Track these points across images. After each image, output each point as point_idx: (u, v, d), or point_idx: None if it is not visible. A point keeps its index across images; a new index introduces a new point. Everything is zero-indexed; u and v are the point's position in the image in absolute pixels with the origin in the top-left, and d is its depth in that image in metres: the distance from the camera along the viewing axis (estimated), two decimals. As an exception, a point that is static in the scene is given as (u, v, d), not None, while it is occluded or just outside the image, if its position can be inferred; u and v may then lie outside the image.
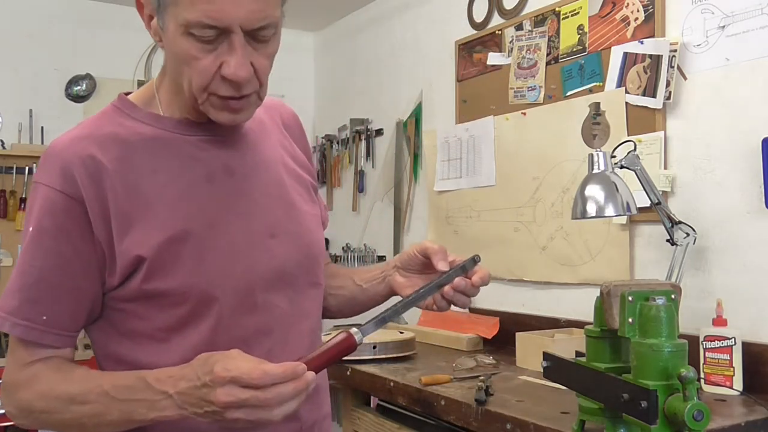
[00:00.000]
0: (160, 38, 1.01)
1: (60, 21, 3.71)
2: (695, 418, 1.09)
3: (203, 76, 0.98)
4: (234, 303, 1.04)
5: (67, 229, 1.00)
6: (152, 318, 1.03)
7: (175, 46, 0.98)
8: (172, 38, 0.97)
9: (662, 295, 1.22)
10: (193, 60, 0.97)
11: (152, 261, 1.00)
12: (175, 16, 0.95)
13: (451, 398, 1.85)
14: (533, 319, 2.60)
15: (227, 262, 1.04)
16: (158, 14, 0.98)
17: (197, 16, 0.93)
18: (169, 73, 1.06)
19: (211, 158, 1.08)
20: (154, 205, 1.02)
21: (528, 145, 2.67)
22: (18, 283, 1.01)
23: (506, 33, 2.81)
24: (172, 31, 0.97)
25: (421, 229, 3.29)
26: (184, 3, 0.93)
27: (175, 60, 1.00)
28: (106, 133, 1.04)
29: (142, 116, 1.08)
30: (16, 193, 3.54)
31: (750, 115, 1.98)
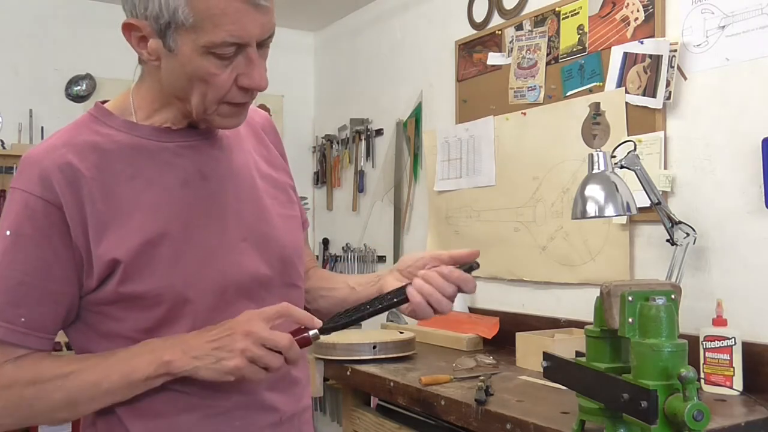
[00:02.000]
0: (157, 58, 1.04)
1: (60, 21, 3.71)
2: (695, 418, 1.09)
3: (222, 89, 1.03)
4: (208, 305, 1.07)
5: (47, 234, 1.02)
6: (129, 320, 1.05)
7: (190, 66, 1.01)
8: (186, 59, 1.01)
9: (662, 295, 1.23)
10: (212, 76, 1.02)
11: (128, 264, 1.02)
12: (193, 40, 0.99)
13: (451, 398, 1.85)
14: (533, 319, 2.60)
15: (201, 265, 1.07)
16: (162, 37, 1.01)
17: (222, 37, 0.98)
18: (160, 85, 1.08)
19: (187, 164, 1.10)
20: (130, 210, 1.05)
21: (528, 145, 2.67)
22: None
23: (506, 33, 2.81)
24: (188, 52, 1.00)
25: (421, 229, 3.29)
26: (207, 27, 0.98)
27: (186, 78, 1.03)
28: (83, 141, 1.07)
29: (118, 124, 1.10)
30: (16, 193, 3.54)
31: (750, 115, 1.98)
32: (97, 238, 1.02)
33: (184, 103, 1.07)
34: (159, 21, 0.99)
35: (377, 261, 3.63)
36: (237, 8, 0.98)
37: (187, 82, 1.03)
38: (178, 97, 1.06)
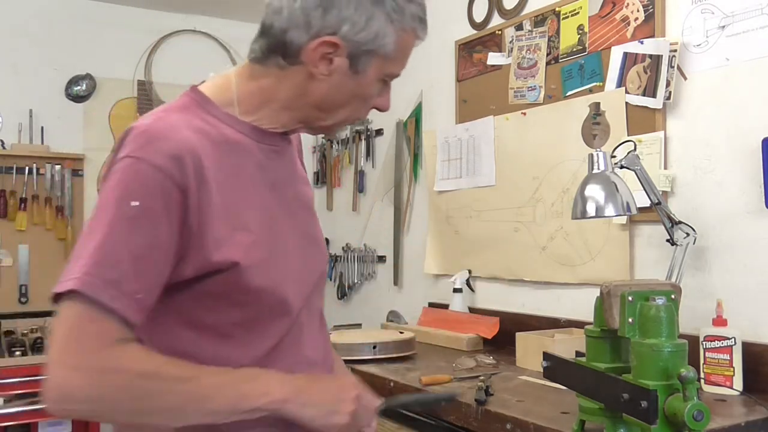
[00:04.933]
0: (330, 73, 1.09)
1: (60, 21, 3.71)
2: (695, 418, 1.10)
3: (364, 110, 1.17)
4: (297, 303, 1.14)
5: (169, 215, 1.00)
6: (225, 313, 1.07)
7: (366, 87, 1.12)
8: (367, 81, 1.12)
9: (662, 295, 1.23)
10: (371, 98, 1.15)
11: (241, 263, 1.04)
12: (380, 67, 1.11)
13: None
14: (533, 319, 2.60)
15: (289, 266, 1.13)
16: (355, 59, 1.08)
17: (399, 70, 1.15)
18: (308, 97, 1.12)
19: (273, 168, 1.16)
20: (238, 207, 1.07)
21: (528, 145, 2.67)
22: (117, 255, 0.97)
23: (506, 33, 2.81)
24: (371, 76, 1.11)
25: (421, 229, 3.29)
26: (395, 60, 1.12)
27: (351, 94, 1.12)
28: (198, 126, 1.07)
29: (221, 115, 1.11)
30: (16, 193, 3.54)
31: (750, 115, 1.98)
32: (211, 231, 1.02)
33: (320, 114, 1.13)
34: (363, 46, 1.08)
35: (377, 261, 3.63)
36: (411, 50, 1.15)
37: (347, 100, 1.13)
38: (323, 108, 1.13)
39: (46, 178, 3.57)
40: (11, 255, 3.51)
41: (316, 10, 1.05)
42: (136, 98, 3.87)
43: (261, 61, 1.11)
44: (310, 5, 1.05)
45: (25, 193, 3.55)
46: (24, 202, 3.55)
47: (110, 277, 0.96)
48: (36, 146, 3.58)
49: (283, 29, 1.07)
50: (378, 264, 3.64)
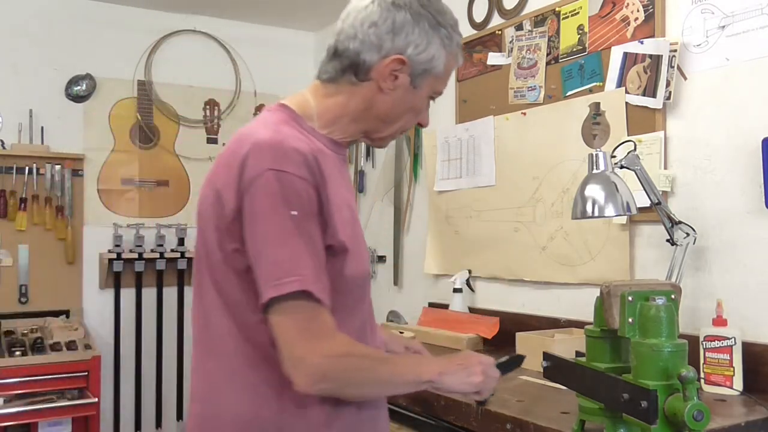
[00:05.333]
0: (393, 88, 1.29)
1: (60, 21, 3.71)
2: (695, 418, 1.10)
3: (412, 122, 1.38)
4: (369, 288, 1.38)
5: (314, 214, 1.18)
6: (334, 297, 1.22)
7: (418, 101, 1.34)
8: (420, 96, 1.33)
9: (662, 295, 1.23)
10: (420, 112, 1.37)
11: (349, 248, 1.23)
12: (431, 85, 1.33)
13: (451, 398, 1.85)
14: (533, 319, 2.60)
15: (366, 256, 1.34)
16: (415, 78, 1.30)
17: (443, 88, 1.37)
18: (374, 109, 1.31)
19: (345, 174, 1.37)
20: (339, 204, 1.24)
21: (528, 145, 2.67)
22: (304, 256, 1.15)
23: (506, 33, 2.81)
24: (424, 92, 1.33)
25: (421, 229, 3.29)
26: (442, 80, 1.35)
27: (407, 108, 1.33)
28: (302, 138, 1.25)
29: (308, 129, 1.30)
30: (16, 193, 3.54)
31: (750, 115, 1.98)
32: (332, 220, 1.21)
33: (381, 126, 1.34)
34: (422, 66, 1.29)
35: (377, 261, 3.63)
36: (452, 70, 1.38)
37: (404, 111, 1.33)
38: (385, 119, 1.33)
39: (46, 178, 3.57)
40: (11, 255, 3.51)
41: (387, 34, 1.26)
42: (136, 98, 3.87)
43: (334, 80, 1.31)
44: (382, 31, 1.26)
45: (25, 193, 3.55)
46: (24, 202, 3.54)
47: (312, 277, 1.15)
48: (36, 146, 3.58)
49: (357, 51, 1.27)
50: (378, 264, 3.64)
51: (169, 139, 3.95)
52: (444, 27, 1.31)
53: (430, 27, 1.29)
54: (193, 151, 4.01)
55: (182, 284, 3.91)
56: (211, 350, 1.26)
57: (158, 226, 3.83)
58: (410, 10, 1.27)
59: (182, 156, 3.97)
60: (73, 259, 3.64)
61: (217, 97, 4.09)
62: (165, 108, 3.94)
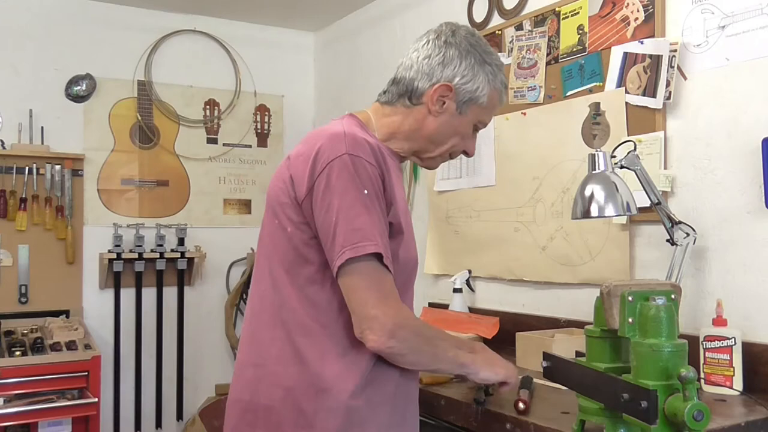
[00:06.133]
0: (440, 112, 1.49)
1: (60, 21, 3.71)
2: (695, 418, 1.09)
3: (459, 147, 1.55)
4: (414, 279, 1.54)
5: (379, 195, 1.36)
6: None
7: (463, 127, 1.53)
8: (465, 122, 1.52)
9: (662, 295, 1.23)
10: (465, 137, 1.55)
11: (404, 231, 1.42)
12: (476, 114, 1.52)
13: (451, 398, 1.85)
14: (533, 319, 2.60)
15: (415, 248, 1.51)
16: (460, 105, 1.49)
17: (488, 120, 1.56)
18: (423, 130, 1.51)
19: (401, 179, 1.52)
20: (396, 196, 1.42)
21: (528, 145, 2.67)
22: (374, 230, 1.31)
23: (506, 33, 2.81)
24: (469, 118, 1.52)
25: (421, 229, 3.29)
26: (485, 111, 1.53)
27: (453, 131, 1.52)
28: (370, 136, 1.45)
29: (372, 135, 1.49)
30: (16, 193, 3.53)
31: (750, 115, 1.98)
32: (394, 205, 1.39)
33: (429, 145, 1.53)
34: (467, 94, 1.49)
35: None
36: (497, 108, 1.57)
37: (451, 135, 1.52)
38: (432, 140, 1.52)
39: (46, 178, 3.57)
40: (11, 255, 3.51)
41: (438, 66, 1.48)
42: (136, 98, 3.86)
43: (391, 103, 1.53)
44: (434, 63, 1.48)
45: (25, 193, 3.55)
46: (24, 202, 3.54)
47: (382, 243, 1.31)
48: (36, 146, 3.58)
49: (412, 79, 1.50)
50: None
51: (169, 139, 3.95)
52: (490, 65, 1.49)
53: (476, 62, 1.48)
54: (193, 151, 4.01)
55: (182, 284, 3.91)
56: (268, 321, 1.43)
57: (158, 226, 3.83)
58: (459, 47, 1.48)
59: (182, 156, 3.97)
60: (73, 259, 3.64)
61: (217, 97, 4.10)
62: (165, 108, 3.94)
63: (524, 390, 1.79)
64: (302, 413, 1.36)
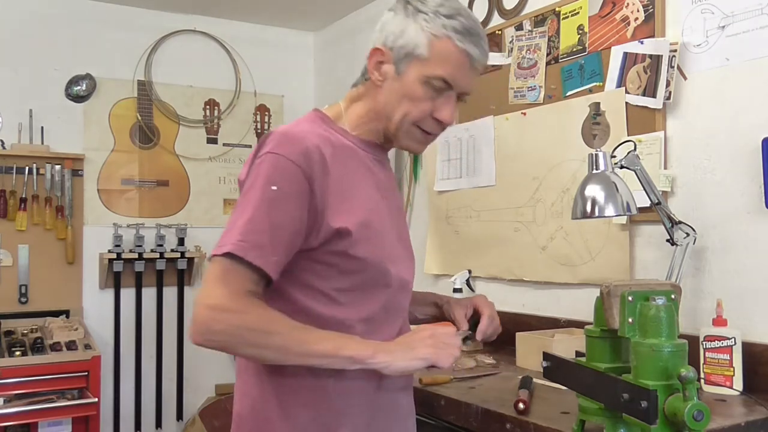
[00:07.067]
0: (383, 79, 1.37)
1: (60, 21, 3.71)
2: (695, 418, 1.09)
3: (421, 114, 1.36)
4: (395, 282, 1.39)
5: (300, 197, 1.27)
6: (332, 279, 1.32)
7: (407, 88, 1.35)
8: (407, 82, 1.34)
9: (662, 295, 1.23)
10: (419, 101, 1.35)
11: (354, 233, 1.30)
12: (420, 69, 1.33)
13: (451, 398, 1.85)
14: (533, 319, 2.60)
15: (389, 249, 1.39)
16: (397, 64, 1.35)
17: (441, 73, 1.33)
18: (374, 103, 1.40)
19: (377, 172, 1.44)
20: (353, 194, 1.34)
21: (528, 145, 2.67)
22: (261, 225, 1.24)
23: (506, 33, 2.81)
24: (411, 77, 1.34)
25: (421, 229, 3.29)
26: (434, 62, 1.33)
27: (399, 97, 1.35)
28: (322, 134, 1.35)
29: (338, 129, 1.41)
30: (16, 193, 3.54)
31: (750, 115, 1.98)
32: (330, 209, 1.29)
33: (387, 121, 1.38)
34: (401, 51, 1.34)
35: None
36: (460, 60, 1.33)
37: (398, 101, 1.35)
38: (386, 113, 1.38)
39: (46, 178, 3.57)
40: (11, 255, 3.52)
41: (377, 33, 1.39)
42: (136, 98, 3.87)
43: (356, 84, 1.46)
44: (376, 31, 1.39)
45: (25, 193, 3.55)
46: (24, 202, 3.54)
47: (257, 242, 1.23)
48: (36, 146, 3.58)
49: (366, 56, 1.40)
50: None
51: (169, 139, 3.95)
52: (425, 12, 1.33)
53: (407, 14, 1.35)
54: (193, 151, 4.01)
55: (182, 284, 3.91)
56: None
57: (158, 226, 3.83)
58: (396, 8, 1.38)
59: (182, 156, 3.97)
60: (73, 259, 3.64)
61: (217, 97, 4.10)
62: (165, 108, 3.94)
63: (524, 390, 1.79)
64: (267, 422, 1.34)
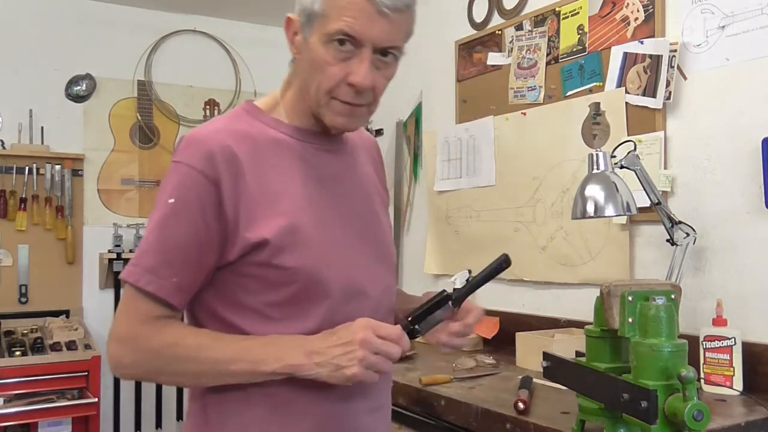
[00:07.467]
0: (298, 51, 1.20)
1: (60, 21, 3.71)
2: (695, 418, 1.09)
3: (331, 80, 1.15)
4: (338, 291, 1.19)
5: (203, 206, 1.13)
6: (261, 293, 1.16)
7: (313, 54, 1.15)
8: (312, 47, 1.15)
9: (662, 295, 1.23)
10: (327, 66, 1.14)
11: (274, 243, 1.13)
12: (320, 28, 1.14)
13: (451, 398, 1.85)
14: (533, 319, 2.60)
15: (331, 253, 1.20)
16: (303, 29, 1.17)
17: (340, 26, 1.11)
18: (298, 81, 1.22)
19: (321, 164, 1.25)
20: (276, 196, 1.17)
21: (528, 145, 2.67)
22: (155, 246, 1.14)
23: (506, 33, 2.81)
24: (314, 41, 1.15)
25: (421, 229, 3.29)
26: (332, 16, 1.12)
27: (310, 67, 1.17)
28: (240, 129, 1.20)
29: (268, 120, 1.24)
30: (16, 193, 3.54)
31: (750, 115, 1.98)
32: (246, 216, 1.14)
33: (309, 99, 1.19)
34: (303, 15, 1.16)
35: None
36: (360, 7, 1.11)
37: (310, 72, 1.17)
38: (305, 89, 1.19)
39: (46, 178, 3.57)
40: (11, 255, 3.51)
41: None
42: (136, 98, 3.87)
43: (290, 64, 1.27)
44: None
45: (25, 193, 3.55)
46: (24, 202, 3.54)
47: (148, 266, 1.13)
48: (36, 146, 3.58)
49: None
50: (378, 264, 3.63)
51: (169, 139, 3.95)
52: None
53: None
54: (193, 151, 4.00)
55: (182, 284, 3.91)
56: None
57: (158, 226, 3.82)
58: None
59: (182, 156, 3.97)
60: (73, 259, 3.64)
61: (217, 97, 4.09)
62: (165, 108, 3.94)
63: (524, 390, 1.79)
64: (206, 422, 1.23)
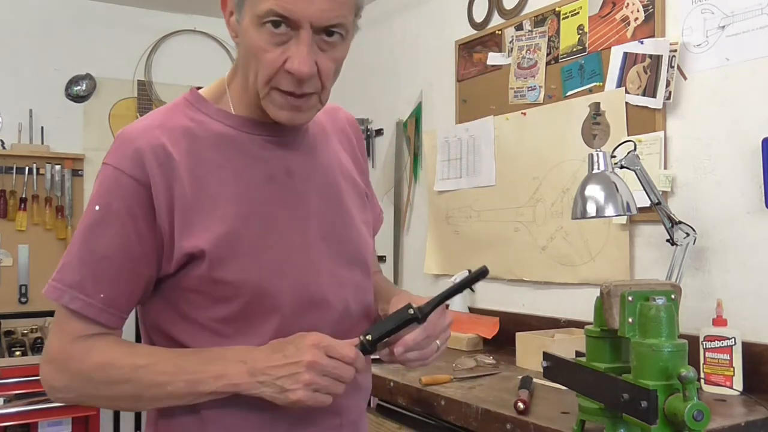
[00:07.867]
0: (236, 34, 1.06)
1: (60, 21, 3.71)
2: (695, 418, 1.09)
3: (268, 68, 1.01)
4: (292, 302, 1.07)
5: (133, 213, 1.02)
6: (208, 309, 1.06)
7: (247, 38, 1.02)
8: (246, 31, 1.02)
9: (662, 295, 1.23)
10: (262, 52, 1.01)
11: (211, 253, 1.02)
12: (251, 8, 1.00)
13: (451, 398, 1.85)
14: (533, 319, 2.60)
15: (283, 261, 1.07)
16: (237, 10, 1.04)
17: (270, 5, 0.97)
18: (240, 69, 1.09)
19: (274, 158, 1.11)
20: (216, 200, 1.05)
21: (528, 145, 2.67)
22: (79, 259, 1.04)
23: (506, 33, 2.81)
24: (247, 23, 1.01)
25: (421, 229, 3.29)
26: None
27: (246, 53, 1.04)
28: (177, 125, 1.07)
29: (212, 112, 1.11)
30: (16, 193, 3.54)
31: (750, 115, 1.98)
32: (182, 223, 1.03)
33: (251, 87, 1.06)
34: None
35: (377, 260, 3.63)
36: None
37: (247, 59, 1.04)
38: (247, 79, 1.06)
39: (46, 178, 3.57)
40: (11, 255, 3.52)
41: None
42: (136, 98, 3.87)
43: None
44: None
45: (25, 193, 3.55)
46: (24, 202, 3.55)
47: (71, 281, 1.03)
48: (36, 146, 3.58)
49: None
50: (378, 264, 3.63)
51: (169, 139, 3.95)
52: None
53: None
54: (193, 151, 4.01)
55: (182, 284, 3.91)
56: None
57: (158, 226, 3.83)
58: None
59: (182, 156, 3.97)
60: (73, 259, 3.64)
61: (217, 97, 4.09)
62: (165, 108, 3.94)
63: (524, 390, 1.79)
64: None
